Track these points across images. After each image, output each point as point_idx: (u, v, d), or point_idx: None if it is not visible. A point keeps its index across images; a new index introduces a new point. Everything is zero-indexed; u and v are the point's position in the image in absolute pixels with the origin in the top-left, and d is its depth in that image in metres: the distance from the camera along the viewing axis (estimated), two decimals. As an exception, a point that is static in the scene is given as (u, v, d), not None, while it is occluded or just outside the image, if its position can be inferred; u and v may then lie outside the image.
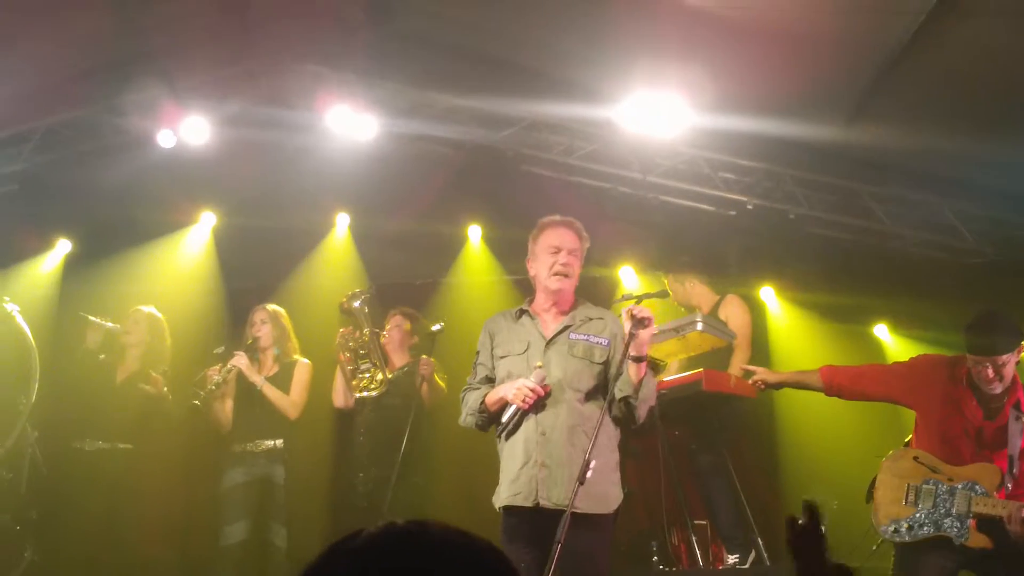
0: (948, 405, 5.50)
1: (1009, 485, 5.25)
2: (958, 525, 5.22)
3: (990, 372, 5.25)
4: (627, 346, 4.73)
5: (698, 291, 7.72)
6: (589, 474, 4.47)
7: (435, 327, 7.17)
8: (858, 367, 6.12)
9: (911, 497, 5.37)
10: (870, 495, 5.59)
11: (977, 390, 5.38)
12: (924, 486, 5.36)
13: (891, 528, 5.40)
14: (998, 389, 5.31)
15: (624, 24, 7.02)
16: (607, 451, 4.85)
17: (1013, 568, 5.24)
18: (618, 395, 4.74)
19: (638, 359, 4.76)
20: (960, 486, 5.28)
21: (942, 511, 5.27)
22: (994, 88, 6.93)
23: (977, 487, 5.24)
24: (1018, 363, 5.45)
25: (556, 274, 4.98)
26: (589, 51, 7.39)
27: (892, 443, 8.12)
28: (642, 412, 4.84)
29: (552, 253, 5.00)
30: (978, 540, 5.19)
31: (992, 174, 7.90)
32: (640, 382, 4.78)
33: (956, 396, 5.46)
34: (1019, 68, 6.62)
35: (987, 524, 5.20)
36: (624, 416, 4.84)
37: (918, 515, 5.33)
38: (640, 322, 4.68)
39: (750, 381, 6.15)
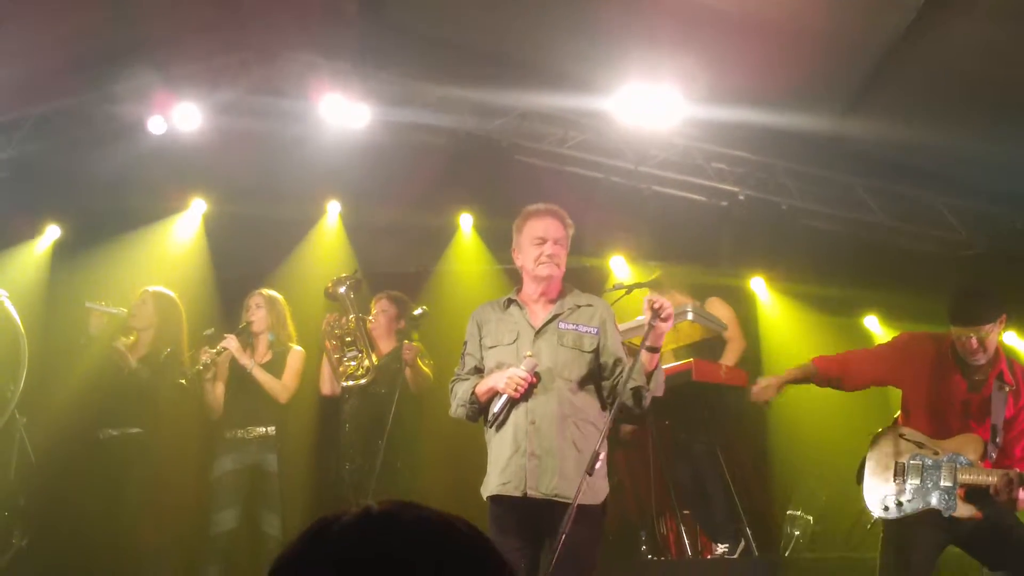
0: (934, 379, 5.54)
1: (993, 454, 5.31)
2: (946, 497, 5.27)
3: (974, 343, 5.30)
4: (645, 336, 4.73)
5: (677, 303, 7.62)
6: (598, 465, 4.47)
7: (417, 311, 7.14)
8: (843, 355, 6.09)
9: (899, 473, 5.40)
10: (860, 476, 5.62)
11: (962, 363, 5.44)
12: (911, 461, 5.41)
13: (882, 506, 5.44)
14: (982, 360, 5.37)
15: (618, 16, 7.01)
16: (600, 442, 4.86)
17: (999, 541, 5.29)
18: (631, 384, 4.72)
19: (653, 349, 4.77)
20: (945, 458, 5.33)
21: (929, 484, 5.32)
22: (986, 83, 6.95)
23: (961, 458, 5.29)
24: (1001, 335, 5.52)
25: (543, 264, 4.95)
26: (583, 42, 7.39)
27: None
28: (648, 401, 4.84)
29: (538, 244, 4.96)
30: (965, 510, 5.24)
31: (984, 168, 7.93)
32: (652, 372, 4.79)
33: (942, 370, 5.51)
34: (1011, 64, 6.63)
35: (974, 494, 5.25)
36: (630, 404, 4.82)
37: (907, 491, 5.36)
38: (658, 313, 4.69)
39: (763, 400, 6.03)
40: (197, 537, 7.30)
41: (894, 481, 5.42)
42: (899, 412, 5.78)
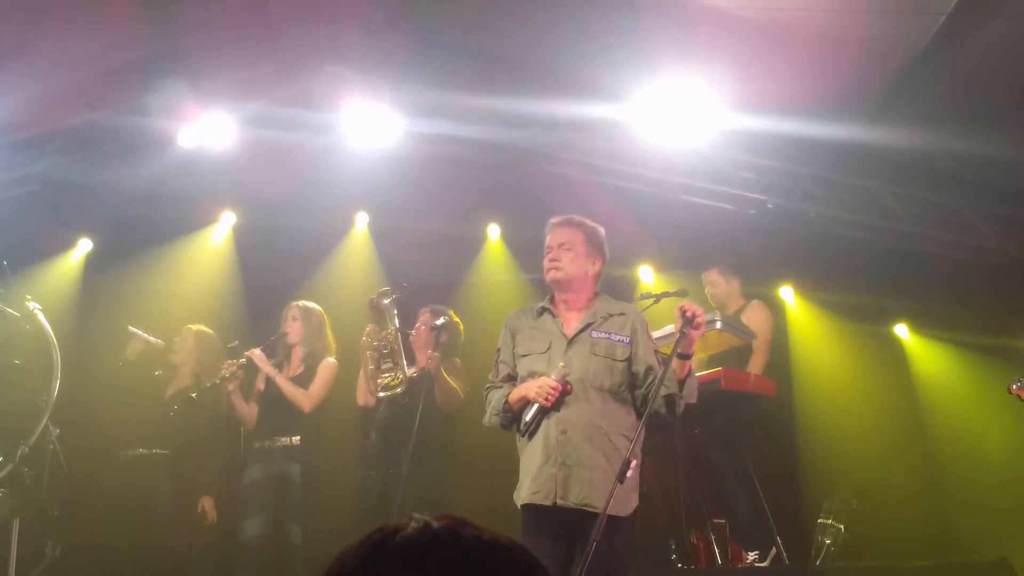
0: None
1: None
2: None
3: None
4: (676, 343, 4.74)
5: (736, 293, 7.73)
6: (629, 473, 4.46)
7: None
8: None
9: None
10: None
11: None
12: None
13: None
14: None
15: (647, 25, 7.02)
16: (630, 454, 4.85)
17: None
18: (663, 391, 4.72)
19: (684, 356, 4.78)
20: None
21: None
22: (1015, 88, 6.92)
23: None
24: None
25: (547, 272, 5.06)
26: (611, 52, 7.39)
27: (910, 442, 8.13)
28: (681, 408, 4.84)
29: (546, 254, 5.08)
30: None
31: (1013, 174, 7.89)
32: (685, 379, 4.81)
33: None
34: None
35: None
36: (663, 412, 4.83)
37: None
38: (690, 320, 4.71)
39: None
40: (228, 546, 7.36)
41: None
42: None
